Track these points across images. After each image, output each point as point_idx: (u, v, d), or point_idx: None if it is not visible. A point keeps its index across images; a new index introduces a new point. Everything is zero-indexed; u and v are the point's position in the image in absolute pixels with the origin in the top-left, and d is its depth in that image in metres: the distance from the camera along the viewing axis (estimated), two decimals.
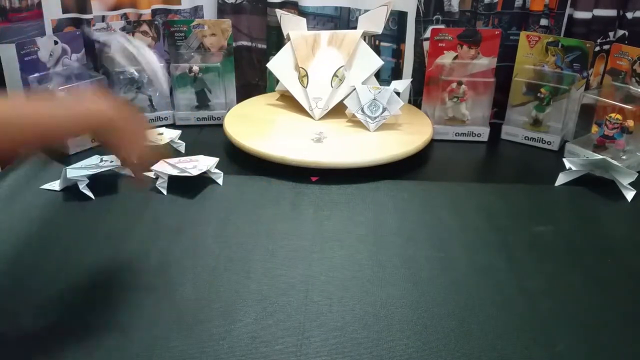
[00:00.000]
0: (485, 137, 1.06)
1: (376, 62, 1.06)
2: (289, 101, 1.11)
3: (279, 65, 1.09)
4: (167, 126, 1.07)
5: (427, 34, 1.10)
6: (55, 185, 0.86)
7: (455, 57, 1.08)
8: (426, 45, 1.11)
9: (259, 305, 0.62)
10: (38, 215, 0.79)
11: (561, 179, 0.90)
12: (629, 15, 1.05)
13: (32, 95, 0.93)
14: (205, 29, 1.12)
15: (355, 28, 1.09)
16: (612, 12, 1.05)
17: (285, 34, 1.10)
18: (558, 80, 1.03)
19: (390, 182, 0.89)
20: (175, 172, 0.86)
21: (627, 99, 0.95)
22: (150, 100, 1.11)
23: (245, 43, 1.20)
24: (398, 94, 1.01)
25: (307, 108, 1.06)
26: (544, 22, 1.07)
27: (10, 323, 0.59)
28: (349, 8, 1.13)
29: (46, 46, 0.98)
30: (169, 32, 1.12)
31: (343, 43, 1.06)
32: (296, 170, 0.89)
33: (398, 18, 1.12)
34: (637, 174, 0.87)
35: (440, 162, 0.99)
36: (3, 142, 0.50)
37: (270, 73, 1.14)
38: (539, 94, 1.02)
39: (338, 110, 1.05)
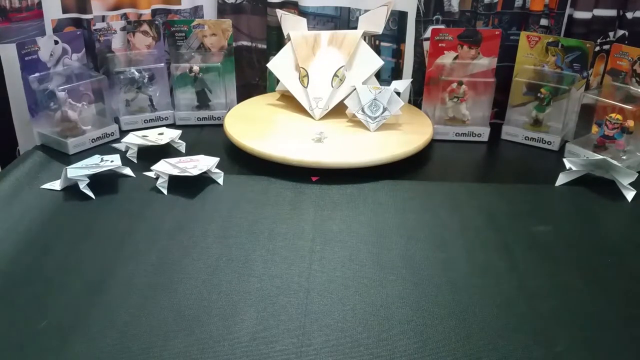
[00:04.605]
0: (485, 137, 1.06)
1: (376, 62, 1.06)
2: (290, 101, 1.11)
3: (280, 65, 1.09)
4: (167, 126, 1.07)
5: (427, 34, 1.10)
6: (56, 185, 0.86)
7: (456, 57, 1.08)
8: (426, 45, 1.11)
9: (259, 305, 0.62)
10: (38, 215, 0.79)
11: (561, 179, 0.90)
12: (629, 15, 1.05)
13: None
14: (206, 29, 1.12)
15: (355, 28, 1.09)
16: (612, 12, 1.05)
17: (285, 34, 1.10)
18: (558, 80, 1.03)
19: (391, 182, 0.89)
20: (175, 172, 0.86)
21: (627, 99, 0.95)
22: (151, 100, 1.11)
23: (245, 43, 1.20)
24: (398, 94, 1.01)
25: (307, 108, 1.06)
26: (544, 22, 1.08)
27: (10, 322, 0.59)
28: (349, 8, 1.13)
29: (47, 46, 0.99)
30: (170, 32, 1.12)
31: (343, 43, 1.06)
32: (296, 170, 0.89)
33: (398, 18, 1.12)
34: (637, 174, 0.87)
35: (441, 162, 0.99)
36: None
37: (271, 73, 1.14)
38: (539, 94, 1.02)
39: (338, 110, 1.05)
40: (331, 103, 1.05)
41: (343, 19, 1.14)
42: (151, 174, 0.89)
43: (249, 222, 0.78)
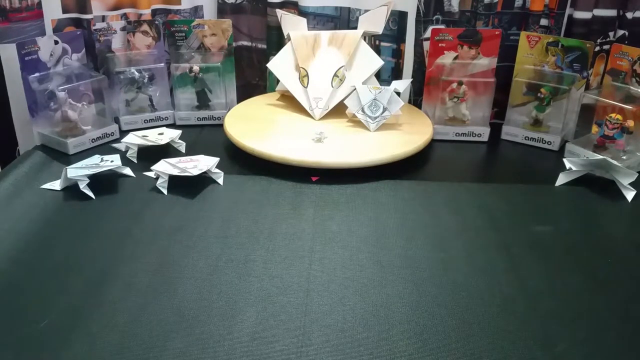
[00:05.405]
0: (485, 137, 1.06)
1: (376, 62, 1.06)
2: (289, 101, 1.11)
3: (280, 65, 1.09)
4: (167, 126, 1.07)
5: (427, 34, 1.10)
6: (56, 185, 0.86)
7: (456, 57, 1.08)
8: (426, 45, 1.11)
9: (259, 305, 0.62)
10: (38, 215, 0.79)
11: (561, 179, 0.90)
12: (629, 15, 1.05)
13: None
14: (206, 29, 1.12)
15: (355, 28, 1.09)
16: (612, 12, 1.05)
17: (285, 34, 1.10)
18: (558, 80, 1.03)
19: (391, 182, 0.89)
20: (175, 172, 0.86)
21: (627, 99, 0.95)
22: (151, 100, 1.11)
23: (245, 43, 1.20)
24: (398, 94, 1.01)
25: (307, 108, 1.06)
26: (544, 22, 1.08)
27: (10, 322, 0.59)
28: (349, 8, 1.13)
29: (47, 46, 0.99)
30: (170, 32, 1.12)
31: (343, 43, 1.06)
32: (296, 170, 0.89)
33: (398, 18, 1.12)
34: (637, 174, 0.87)
35: (441, 162, 0.99)
36: None
37: (271, 73, 1.15)
38: (539, 94, 1.02)
39: (338, 110, 1.05)
40: (331, 103, 1.05)
41: (343, 19, 1.14)
42: (151, 174, 0.89)
43: (249, 222, 0.78)
